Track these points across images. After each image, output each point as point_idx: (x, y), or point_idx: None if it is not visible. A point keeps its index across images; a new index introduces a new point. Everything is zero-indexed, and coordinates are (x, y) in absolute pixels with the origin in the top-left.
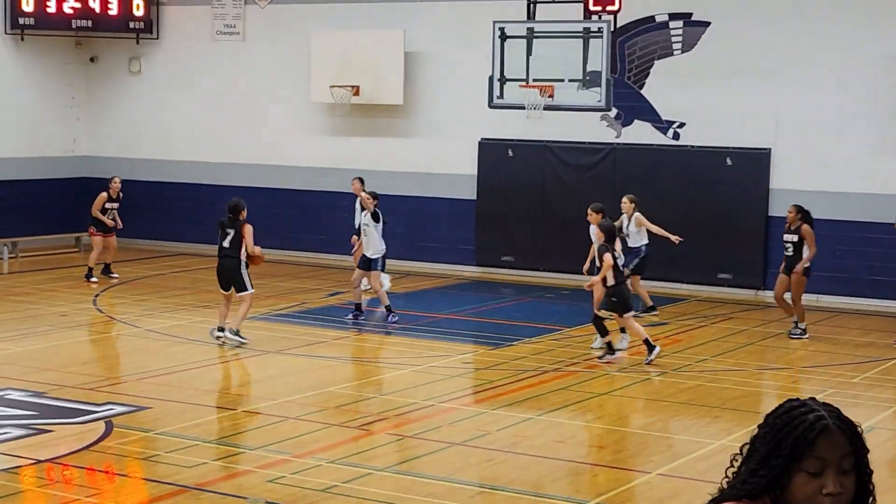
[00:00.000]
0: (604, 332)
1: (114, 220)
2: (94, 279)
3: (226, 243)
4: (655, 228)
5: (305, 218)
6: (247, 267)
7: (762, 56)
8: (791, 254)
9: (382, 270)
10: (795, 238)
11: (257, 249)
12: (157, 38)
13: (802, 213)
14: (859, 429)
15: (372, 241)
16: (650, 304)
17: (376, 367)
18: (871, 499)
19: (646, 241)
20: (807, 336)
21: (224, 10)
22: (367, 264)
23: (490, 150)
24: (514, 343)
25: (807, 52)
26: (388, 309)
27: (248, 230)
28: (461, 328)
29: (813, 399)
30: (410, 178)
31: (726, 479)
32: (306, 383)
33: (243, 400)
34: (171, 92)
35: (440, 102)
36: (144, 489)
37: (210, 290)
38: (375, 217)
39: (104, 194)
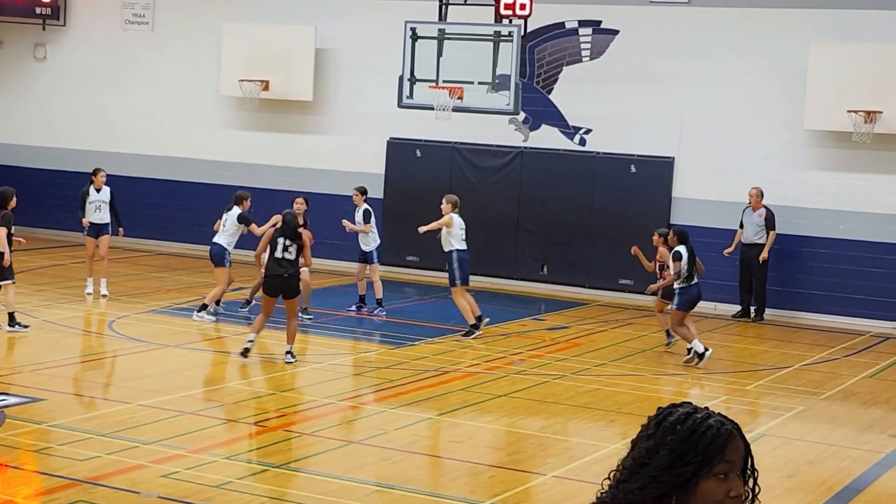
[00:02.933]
0: None
1: None
2: None
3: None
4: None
5: (210, 212)
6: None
7: (669, 66)
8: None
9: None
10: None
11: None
12: (65, 25)
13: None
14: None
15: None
16: (477, 313)
17: (277, 363)
18: (755, 500)
19: (457, 246)
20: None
21: None
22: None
23: (398, 150)
24: (415, 343)
25: (712, 63)
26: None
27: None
28: (363, 326)
29: (690, 403)
30: (318, 175)
31: (610, 483)
32: (205, 378)
33: (140, 393)
34: (77, 80)
35: (350, 100)
36: (36, 482)
37: (109, 281)
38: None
39: None
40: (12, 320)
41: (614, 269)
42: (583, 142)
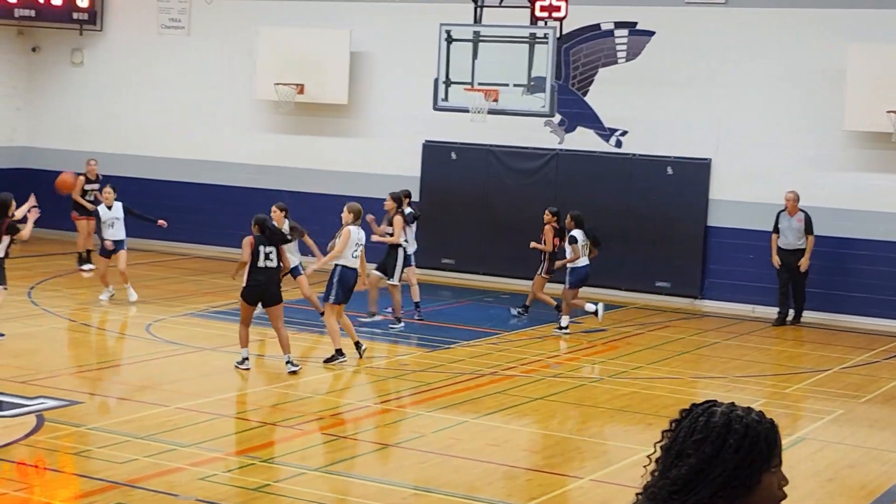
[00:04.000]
0: None
1: (93, 201)
2: (87, 266)
3: None
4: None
5: (245, 215)
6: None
7: (705, 67)
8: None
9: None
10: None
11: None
12: (101, 30)
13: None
14: None
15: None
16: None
17: (313, 366)
18: None
19: (342, 262)
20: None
21: (169, 3)
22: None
23: (433, 153)
24: (451, 346)
25: (749, 64)
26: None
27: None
28: (399, 330)
29: (715, 400)
30: (353, 178)
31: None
32: (242, 381)
33: (177, 396)
34: (113, 85)
35: (385, 103)
36: (75, 484)
37: (146, 284)
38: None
39: (81, 177)
40: None
41: (651, 272)
42: (619, 144)
